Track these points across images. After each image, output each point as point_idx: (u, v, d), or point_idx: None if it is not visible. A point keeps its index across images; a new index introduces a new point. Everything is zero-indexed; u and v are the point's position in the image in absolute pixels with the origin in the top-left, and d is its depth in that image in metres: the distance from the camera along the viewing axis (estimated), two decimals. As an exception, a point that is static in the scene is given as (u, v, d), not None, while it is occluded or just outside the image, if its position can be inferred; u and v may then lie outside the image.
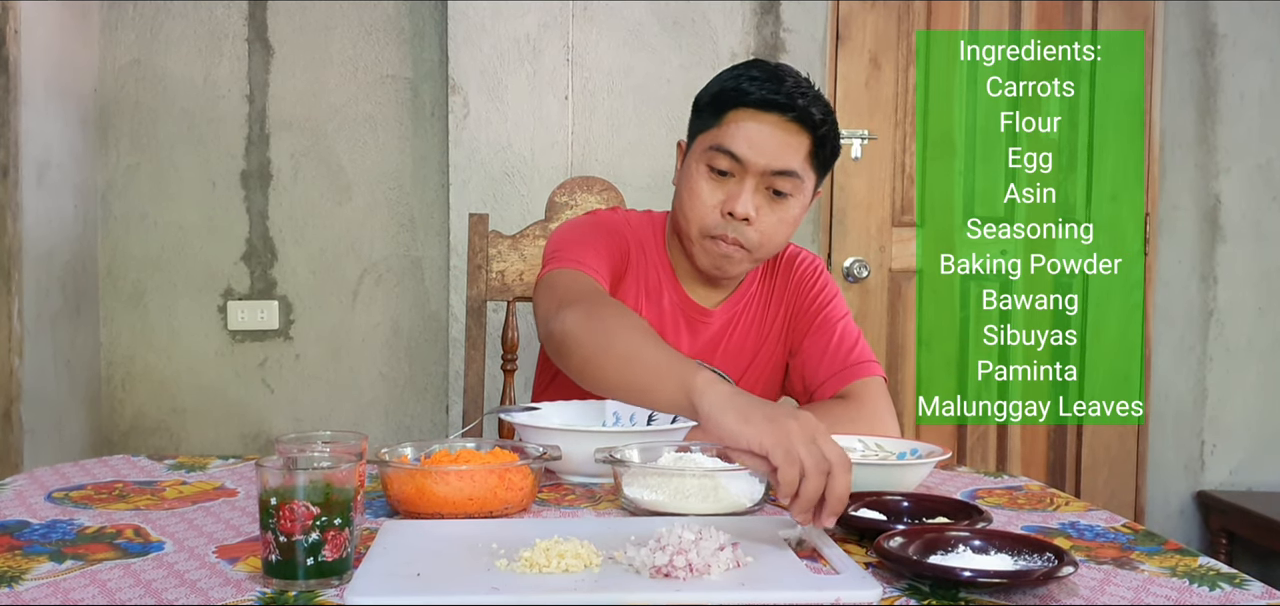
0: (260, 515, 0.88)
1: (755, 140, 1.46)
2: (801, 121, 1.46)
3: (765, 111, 1.46)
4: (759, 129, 1.46)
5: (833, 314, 1.63)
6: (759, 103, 1.46)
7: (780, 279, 1.65)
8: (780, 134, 1.46)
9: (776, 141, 1.46)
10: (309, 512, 0.87)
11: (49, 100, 2.72)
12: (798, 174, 1.48)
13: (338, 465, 0.91)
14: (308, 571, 0.87)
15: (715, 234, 1.49)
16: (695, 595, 0.85)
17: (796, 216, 1.53)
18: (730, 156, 1.47)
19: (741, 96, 1.48)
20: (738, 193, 1.47)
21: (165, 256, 3.04)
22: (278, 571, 0.87)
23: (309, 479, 0.88)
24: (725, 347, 1.61)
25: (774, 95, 1.46)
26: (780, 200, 1.49)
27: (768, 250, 1.53)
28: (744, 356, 1.62)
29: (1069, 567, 0.89)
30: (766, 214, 1.49)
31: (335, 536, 0.88)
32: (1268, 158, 3.10)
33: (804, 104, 1.46)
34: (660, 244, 1.63)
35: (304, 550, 0.87)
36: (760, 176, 1.47)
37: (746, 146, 1.46)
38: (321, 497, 0.88)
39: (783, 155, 1.46)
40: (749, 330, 1.62)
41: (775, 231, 1.51)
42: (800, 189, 1.50)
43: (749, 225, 1.48)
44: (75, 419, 2.89)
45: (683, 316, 1.60)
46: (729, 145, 1.47)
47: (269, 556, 0.88)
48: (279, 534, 0.87)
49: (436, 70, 3.02)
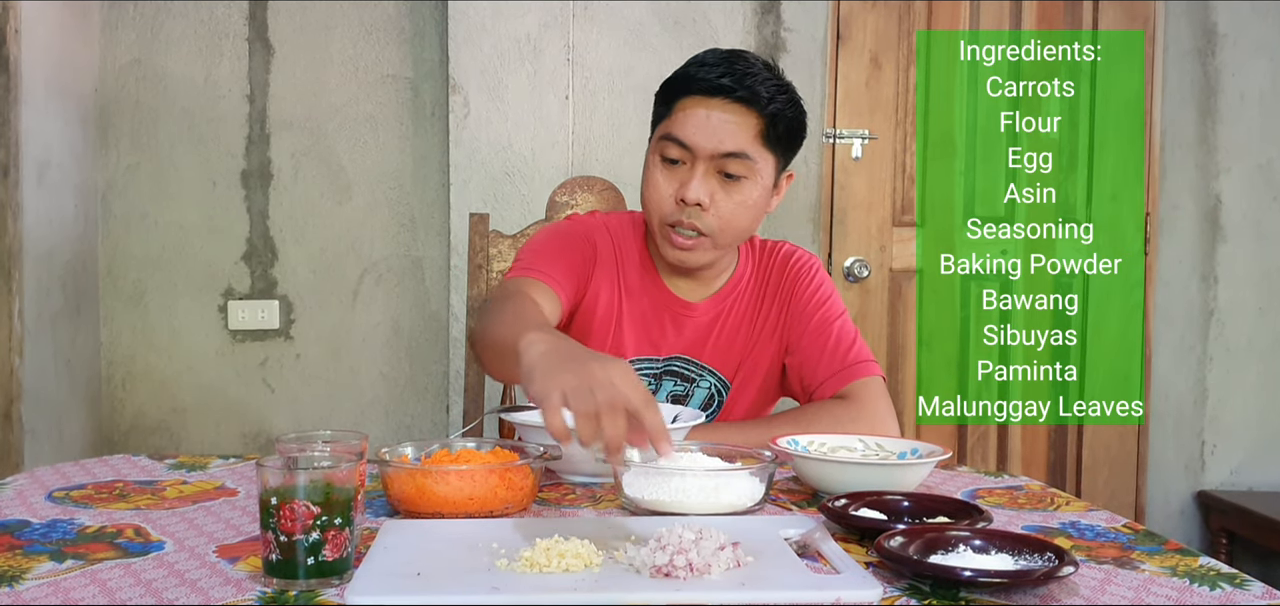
0: (261, 515, 0.88)
1: (701, 125, 1.46)
2: (748, 102, 1.46)
3: (711, 96, 1.46)
4: (705, 113, 1.46)
5: (830, 313, 1.61)
6: (705, 88, 1.47)
7: (774, 277, 1.63)
8: (726, 116, 1.46)
9: (723, 124, 1.46)
10: (309, 512, 0.87)
11: (49, 99, 2.72)
12: (748, 155, 1.47)
13: (338, 465, 0.91)
14: (308, 571, 0.87)
15: (673, 222, 1.50)
16: (695, 595, 0.85)
17: (758, 200, 1.51)
18: (679, 144, 1.48)
19: (688, 83, 1.48)
20: (689, 179, 1.47)
21: (166, 256, 3.04)
22: (278, 571, 0.87)
23: (309, 478, 0.88)
24: (714, 342, 1.60)
25: (719, 79, 1.46)
26: (734, 183, 1.48)
27: (730, 236, 1.52)
28: (735, 352, 1.60)
29: (1069, 567, 0.89)
30: (722, 199, 1.48)
31: (336, 536, 0.88)
32: (1268, 157, 3.10)
33: (750, 84, 1.46)
34: (642, 242, 1.62)
35: (304, 549, 0.87)
36: (710, 161, 1.47)
37: (693, 131, 1.47)
38: (322, 497, 0.88)
39: (730, 137, 1.46)
40: (739, 326, 1.61)
41: (734, 216, 1.50)
42: (754, 171, 1.49)
43: (704, 211, 1.48)
44: (76, 418, 2.89)
45: (666, 312, 1.60)
46: (677, 133, 1.48)
47: (269, 556, 0.88)
48: (279, 533, 0.87)
49: (437, 70, 3.02)
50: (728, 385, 1.60)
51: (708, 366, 1.60)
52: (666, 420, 1.40)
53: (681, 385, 1.59)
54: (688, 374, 1.59)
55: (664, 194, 1.50)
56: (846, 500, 1.11)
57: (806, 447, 1.31)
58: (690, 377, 1.59)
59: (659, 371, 1.59)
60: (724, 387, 1.60)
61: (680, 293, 1.60)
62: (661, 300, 1.60)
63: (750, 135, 1.47)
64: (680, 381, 1.59)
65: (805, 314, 1.60)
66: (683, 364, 1.59)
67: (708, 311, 1.60)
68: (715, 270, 1.60)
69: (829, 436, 1.37)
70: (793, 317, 1.61)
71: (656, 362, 1.59)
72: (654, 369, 1.59)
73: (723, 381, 1.59)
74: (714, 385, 1.59)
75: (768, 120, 1.47)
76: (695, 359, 1.60)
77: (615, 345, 1.58)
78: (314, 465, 0.90)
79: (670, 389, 1.59)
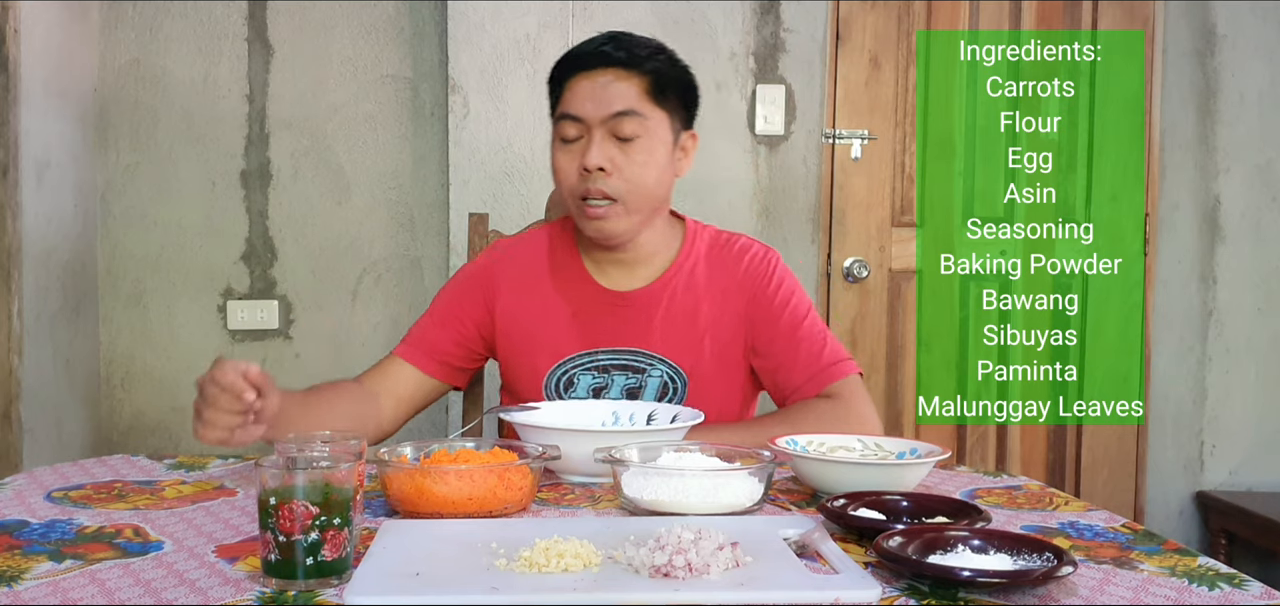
0: (259, 515, 0.88)
1: (587, 95, 1.53)
2: (628, 64, 1.54)
3: (591, 69, 1.54)
4: (589, 85, 1.53)
5: (798, 312, 1.61)
6: (587, 62, 1.54)
7: (727, 269, 1.62)
8: (608, 81, 1.53)
9: (606, 89, 1.53)
10: (308, 512, 0.87)
11: (48, 99, 2.72)
12: (637, 111, 1.52)
13: (337, 465, 0.91)
14: (307, 571, 0.87)
15: (583, 194, 1.53)
16: (695, 595, 0.85)
17: (660, 159, 1.55)
18: (571, 119, 1.54)
19: (568, 64, 1.57)
20: (587, 148, 1.52)
21: (165, 256, 3.04)
22: (277, 571, 0.87)
23: (308, 479, 0.88)
24: (661, 331, 1.59)
25: (599, 49, 1.55)
26: (630, 144, 1.53)
27: (640, 197, 1.54)
28: (687, 342, 1.59)
29: (1068, 567, 0.89)
30: (622, 160, 1.52)
31: (334, 536, 0.88)
32: (1267, 158, 3.10)
33: (628, 47, 1.55)
34: (564, 244, 1.65)
35: (303, 550, 0.87)
36: (602, 126, 1.52)
37: (582, 103, 1.53)
38: (321, 497, 0.88)
39: (617, 98, 1.52)
40: (687, 314, 1.59)
41: (640, 175, 1.53)
42: (648, 129, 1.53)
43: (608, 175, 1.52)
44: (75, 418, 2.89)
45: (599, 305, 1.60)
46: (568, 108, 1.54)
47: (268, 556, 0.88)
48: (278, 533, 0.87)
49: (436, 70, 3.02)
50: (682, 374, 1.58)
51: (659, 355, 1.59)
52: (665, 420, 1.41)
53: (633, 378, 1.59)
54: (637, 365, 1.59)
55: (569, 170, 1.55)
56: (845, 500, 1.11)
57: (806, 447, 1.31)
58: (640, 368, 1.58)
59: (606, 365, 1.59)
60: (679, 377, 1.58)
61: (612, 284, 1.61)
62: (591, 294, 1.61)
63: (636, 93, 1.53)
64: (631, 373, 1.59)
65: (772, 315, 1.60)
66: (631, 355, 1.59)
67: (646, 299, 1.60)
68: (644, 251, 1.61)
69: (828, 436, 1.37)
70: (759, 319, 1.60)
71: (600, 355, 1.59)
72: (599, 362, 1.59)
73: (676, 371, 1.58)
74: (667, 374, 1.58)
75: (650, 77, 1.54)
76: (643, 349, 1.59)
77: (551, 350, 1.59)
78: (313, 465, 0.90)
79: (623, 382, 1.59)
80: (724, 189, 2.91)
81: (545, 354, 1.59)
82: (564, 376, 1.59)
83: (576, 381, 1.59)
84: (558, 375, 1.59)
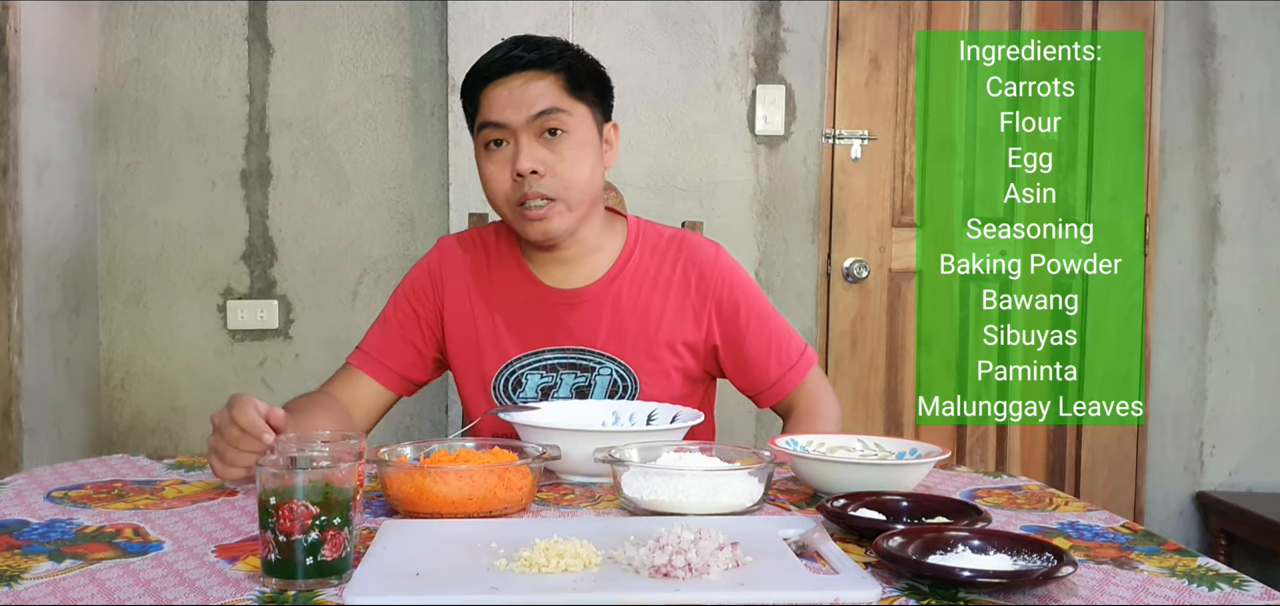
0: (259, 514, 0.88)
1: (508, 100, 1.52)
2: (540, 64, 1.53)
3: (508, 74, 1.53)
4: (505, 91, 1.52)
5: (762, 308, 1.64)
6: (499, 69, 1.53)
7: (682, 266, 1.62)
8: (524, 84, 1.52)
9: (525, 91, 1.51)
10: (308, 512, 0.87)
11: (49, 99, 2.72)
12: (560, 108, 1.52)
13: (337, 464, 0.91)
14: (307, 571, 0.87)
15: (519, 200, 1.53)
16: (694, 595, 0.85)
17: (588, 153, 1.54)
18: (496, 125, 1.52)
19: (484, 72, 1.55)
20: (516, 153, 1.52)
21: (165, 255, 3.04)
22: (277, 570, 0.87)
23: (308, 478, 0.88)
24: (608, 329, 1.58)
25: (509, 54, 1.53)
26: (557, 140, 1.52)
27: (577, 193, 1.54)
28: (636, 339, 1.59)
29: (1068, 567, 0.88)
30: (552, 160, 1.52)
31: (335, 536, 0.88)
32: (1267, 159, 3.10)
33: (537, 49, 1.53)
34: (511, 246, 1.64)
35: (303, 549, 0.87)
36: (528, 128, 1.51)
37: (503, 109, 1.52)
38: (321, 497, 0.88)
39: (538, 98, 1.51)
40: (634, 311, 1.59)
41: (573, 170, 1.53)
42: (573, 124, 1.53)
43: (541, 176, 1.51)
44: (74, 418, 2.89)
45: (543, 306, 1.60)
46: (491, 116, 1.53)
47: (268, 555, 0.88)
48: (278, 533, 0.87)
49: (437, 70, 3.02)
50: (632, 373, 1.58)
51: (607, 354, 1.58)
52: (665, 420, 1.41)
53: (582, 376, 1.59)
54: (586, 364, 1.58)
55: (500, 178, 1.54)
56: (845, 500, 1.11)
57: (805, 447, 1.31)
58: (589, 367, 1.58)
59: (554, 364, 1.59)
60: (628, 375, 1.58)
61: (555, 282, 1.61)
62: (536, 294, 1.61)
63: (555, 91, 1.52)
64: (579, 372, 1.59)
65: (738, 316, 1.62)
66: (578, 354, 1.59)
67: (591, 297, 1.60)
68: (585, 249, 1.61)
69: (827, 436, 1.37)
70: (725, 319, 1.62)
71: (547, 355, 1.59)
72: (547, 362, 1.59)
73: (625, 369, 1.58)
74: (616, 373, 1.58)
75: (565, 73, 1.53)
76: (591, 348, 1.59)
77: (497, 351, 1.59)
78: (313, 465, 0.90)
79: (572, 381, 1.59)
80: (724, 189, 2.91)
81: (492, 355, 1.60)
82: (512, 376, 1.59)
83: (525, 381, 1.59)
84: (506, 375, 1.60)
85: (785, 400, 1.65)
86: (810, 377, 1.65)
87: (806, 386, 1.64)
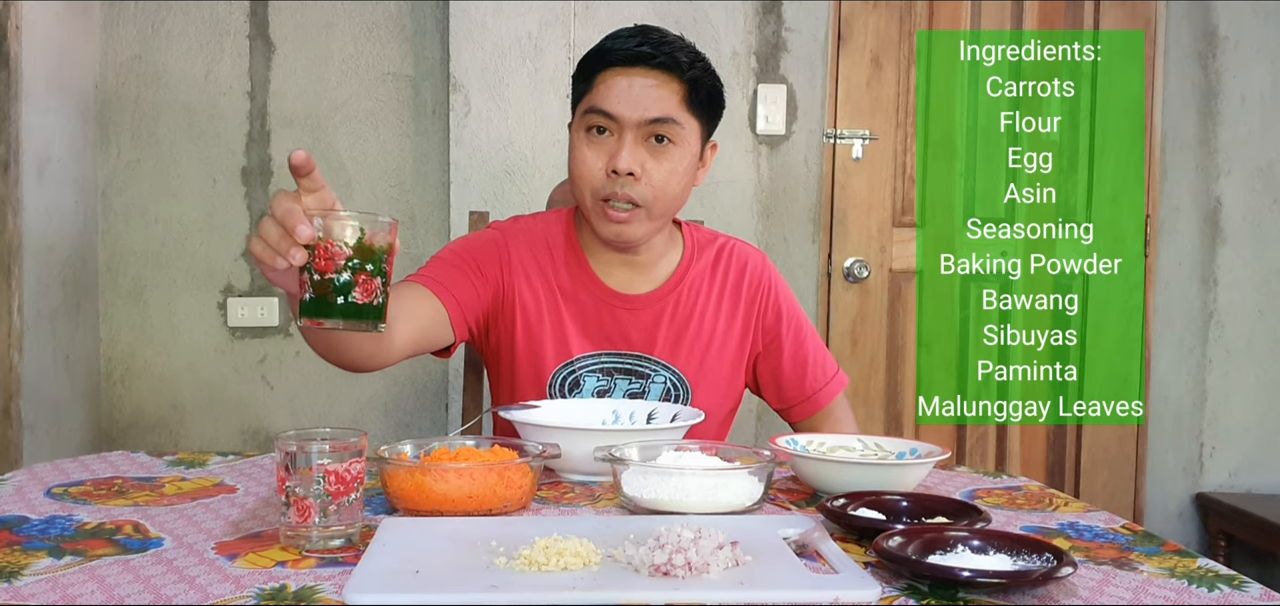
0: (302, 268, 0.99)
1: (625, 94, 1.47)
2: (669, 69, 1.48)
3: (632, 66, 1.48)
4: (628, 83, 1.48)
5: (802, 322, 1.66)
6: (624, 59, 1.48)
7: (734, 276, 1.63)
8: (649, 84, 1.48)
9: (646, 91, 1.47)
10: (342, 252, 0.97)
11: (50, 95, 2.72)
12: (675, 120, 1.48)
13: (374, 231, 1.00)
14: (339, 310, 0.97)
15: (606, 196, 1.49)
16: (694, 594, 0.85)
17: (687, 168, 1.52)
18: (605, 115, 1.48)
19: (606, 56, 1.50)
20: (618, 150, 1.47)
21: (165, 252, 3.04)
22: (311, 309, 0.98)
23: (347, 224, 0.97)
24: (665, 337, 1.58)
25: (638, 47, 1.48)
26: (663, 150, 1.49)
27: (663, 205, 1.51)
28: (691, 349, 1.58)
29: (1068, 568, 0.89)
30: (652, 167, 1.48)
31: (366, 281, 0.98)
32: (1268, 160, 3.10)
33: (668, 51, 1.48)
34: (573, 243, 1.60)
35: (336, 289, 0.97)
36: (638, 129, 1.47)
37: (618, 102, 1.47)
38: (356, 243, 0.98)
39: (655, 104, 1.47)
40: (691, 321, 1.59)
41: (666, 184, 1.49)
42: (682, 137, 1.49)
43: (636, 181, 1.48)
44: (75, 414, 2.89)
45: (605, 307, 1.57)
46: (602, 104, 1.48)
47: (305, 296, 0.98)
48: (314, 273, 0.97)
49: (438, 68, 3.02)
50: (685, 381, 1.58)
51: (663, 362, 1.58)
52: (665, 419, 1.42)
53: (636, 382, 1.58)
54: (642, 370, 1.58)
55: (594, 167, 1.49)
56: (845, 500, 1.11)
57: (806, 447, 1.31)
58: (645, 373, 1.58)
59: (611, 368, 1.58)
60: (681, 383, 1.58)
61: (618, 286, 1.58)
62: (599, 295, 1.58)
63: (676, 101, 1.48)
64: (634, 378, 1.58)
65: (780, 328, 1.63)
66: (635, 360, 1.58)
67: (652, 304, 1.58)
68: (651, 256, 1.59)
69: (827, 437, 1.37)
70: (768, 329, 1.62)
71: (604, 358, 1.58)
72: (604, 365, 1.58)
73: (679, 377, 1.58)
74: (670, 381, 1.58)
75: (689, 85, 1.49)
76: (648, 355, 1.58)
77: (560, 346, 1.56)
78: (352, 214, 0.99)
79: (626, 386, 1.58)
80: (725, 188, 2.91)
81: (554, 349, 1.56)
82: (571, 376, 1.57)
83: (583, 383, 1.57)
84: (564, 374, 1.57)
85: (813, 418, 1.65)
86: (839, 400, 1.65)
87: (833, 410, 1.65)
